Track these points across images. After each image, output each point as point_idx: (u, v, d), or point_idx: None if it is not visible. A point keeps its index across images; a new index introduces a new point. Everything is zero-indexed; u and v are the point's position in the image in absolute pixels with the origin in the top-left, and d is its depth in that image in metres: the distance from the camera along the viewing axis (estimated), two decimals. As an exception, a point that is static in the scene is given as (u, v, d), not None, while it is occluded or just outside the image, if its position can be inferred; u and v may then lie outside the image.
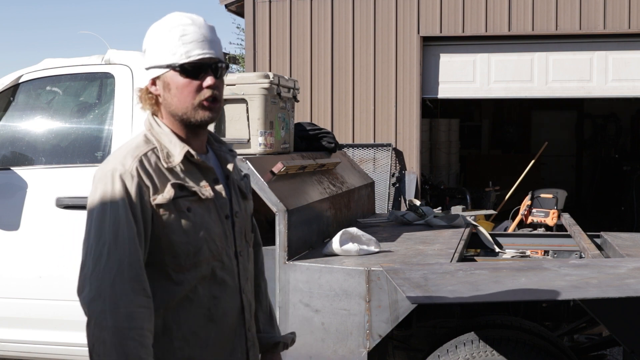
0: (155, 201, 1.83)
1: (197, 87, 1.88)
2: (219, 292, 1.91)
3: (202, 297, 1.89)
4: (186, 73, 1.87)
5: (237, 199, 2.02)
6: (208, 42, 1.89)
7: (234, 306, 1.95)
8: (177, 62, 1.86)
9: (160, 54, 1.88)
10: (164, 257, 1.85)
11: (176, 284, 1.86)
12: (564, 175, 14.51)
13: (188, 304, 1.87)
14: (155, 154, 1.89)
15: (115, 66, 4.08)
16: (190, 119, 1.90)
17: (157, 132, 1.92)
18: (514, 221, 8.07)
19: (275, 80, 4.10)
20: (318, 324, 3.40)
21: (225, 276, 1.93)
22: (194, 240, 1.87)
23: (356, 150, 9.01)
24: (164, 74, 1.89)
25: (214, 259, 1.91)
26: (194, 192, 1.89)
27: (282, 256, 3.50)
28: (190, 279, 1.87)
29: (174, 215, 1.85)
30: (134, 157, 1.85)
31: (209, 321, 1.90)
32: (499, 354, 3.23)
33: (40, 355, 4.06)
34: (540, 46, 8.84)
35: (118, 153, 1.89)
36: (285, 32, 9.26)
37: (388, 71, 9.01)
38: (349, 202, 4.75)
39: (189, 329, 1.87)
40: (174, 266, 1.86)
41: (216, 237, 1.92)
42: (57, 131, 4.21)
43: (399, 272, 3.10)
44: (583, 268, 3.18)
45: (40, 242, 3.98)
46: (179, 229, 1.85)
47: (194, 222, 1.87)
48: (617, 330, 2.99)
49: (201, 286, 1.89)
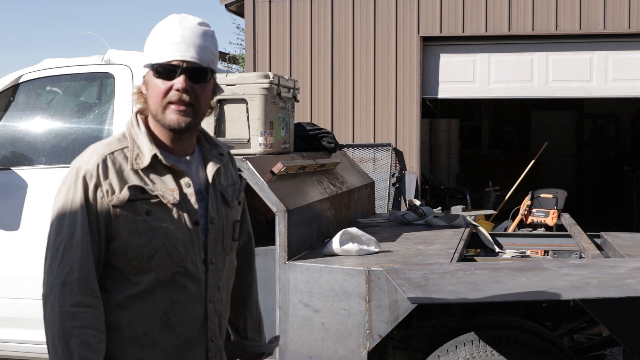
0: (111, 202, 1.83)
1: (167, 89, 1.86)
2: (178, 297, 1.89)
3: (159, 300, 1.87)
4: (158, 73, 1.86)
5: (216, 204, 1.98)
6: (187, 45, 1.85)
7: (195, 314, 1.92)
8: (153, 62, 1.87)
9: (147, 53, 1.90)
10: (121, 258, 1.85)
11: (132, 284, 1.85)
12: (564, 175, 14.51)
13: (142, 305, 1.86)
14: (123, 154, 1.89)
15: (115, 66, 4.09)
16: (160, 121, 1.89)
17: (135, 131, 1.93)
18: (514, 221, 8.07)
19: (275, 80, 4.10)
20: (318, 324, 3.39)
21: (187, 283, 1.90)
22: (150, 244, 1.85)
23: (356, 150, 9.01)
24: (146, 74, 1.90)
25: (175, 265, 1.88)
26: (155, 195, 1.87)
27: (282, 256, 3.50)
28: (146, 281, 1.85)
29: (130, 217, 1.84)
30: (99, 156, 1.87)
31: (164, 325, 1.87)
32: (499, 354, 3.23)
33: (40, 355, 4.06)
34: (540, 46, 8.84)
35: (89, 149, 1.93)
36: (285, 32, 9.26)
37: (388, 71, 9.01)
38: (349, 202, 4.75)
39: (141, 329, 1.86)
40: (129, 268, 1.85)
41: (179, 242, 1.88)
42: (57, 131, 4.21)
43: (399, 272, 3.10)
44: (583, 268, 3.18)
45: (40, 242, 3.98)
46: (135, 231, 1.84)
47: (152, 225, 1.85)
48: (617, 330, 2.99)
49: (160, 289, 1.87)
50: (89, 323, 1.77)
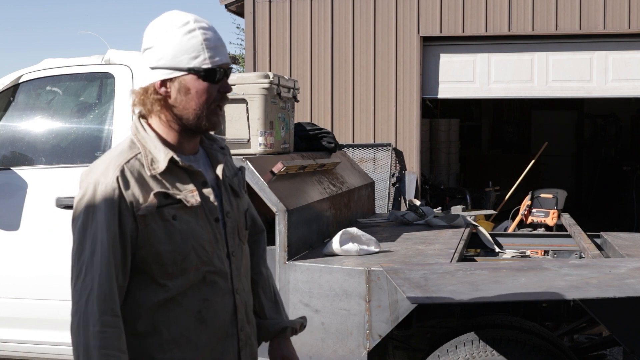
0: (138, 212, 1.81)
1: (215, 92, 1.90)
2: (209, 294, 1.91)
3: (192, 300, 1.88)
4: (208, 78, 1.87)
5: (228, 198, 2.00)
6: (223, 47, 1.91)
7: (225, 307, 1.94)
8: (201, 67, 1.86)
9: (176, 56, 1.86)
10: (152, 265, 1.84)
11: (165, 289, 1.85)
12: (564, 175, 14.50)
13: (176, 307, 1.86)
14: (138, 161, 1.86)
15: (115, 66, 4.08)
16: (202, 122, 1.90)
17: (143, 136, 1.90)
18: (514, 221, 8.06)
19: (275, 80, 4.10)
20: (318, 324, 3.39)
21: (216, 279, 1.92)
22: (180, 248, 1.85)
23: (356, 150, 9.01)
24: (181, 77, 1.87)
25: (204, 264, 1.89)
26: (179, 199, 1.87)
27: (282, 256, 3.50)
28: (179, 284, 1.86)
29: (158, 224, 1.83)
30: (116, 167, 1.83)
31: (199, 323, 1.89)
32: (499, 354, 3.23)
33: (40, 355, 4.06)
34: (540, 46, 8.84)
35: (102, 161, 1.88)
36: (285, 32, 9.26)
37: (388, 71, 9.01)
38: (349, 202, 4.75)
39: (178, 331, 1.86)
40: (161, 274, 1.85)
41: (205, 242, 1.90)
42: (57, 131, 4.21)
43: (399, 272, 3.10)
44: (583, 268, 3.18)
45: (40, 242, 3.98)
46: (164, 238, 1.84)
47: (180, 230, 1.86)
48: (617, 330, 2.99)
49: (191, 290, 1.88)
50: (109, 343, 1.76)
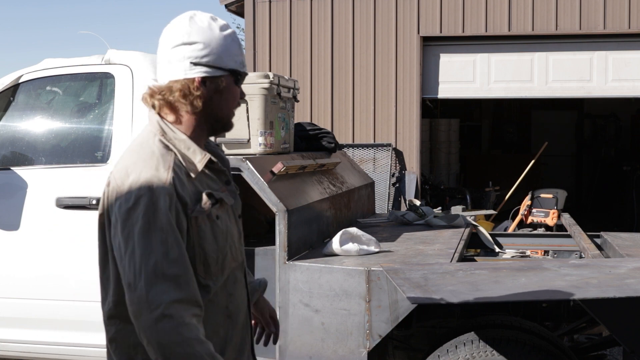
0: (192, 213, 1.79)
1: (238, 96, 1.94)
2: (233, 289, 1.95)
3: (221, 297, 1.90)
4: (239, 82, 1.92)
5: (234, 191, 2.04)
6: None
7: (243, 299, 1.99)
8: (239, 70, 1.90)
9: (222, 56, 1.86)
10: (196, 267, 1.81)
11: (205, 289, 1.84)
12: (564, 175, 14.49)
13: (211, 306, 1.87)
14: (179, 162, 1.83)
15: (115, 66, 4.08)
16: (227, 124, 1.94)
17: (171, 137, 1.86)
18: (514, 221, 8.06)
19: (275, 80, 4.10)
20: (318, 324, 3.39)
21: (238, 274, 1.97)
22: (222, 247, 1.87)
23: (356, 150, 9.01)
24: (222, 77, 1.87)
25: (234, 260, 1.94)
26: (220, 199, 1.88)
27: (282, 256, 3.50)
28: (217, 283, 1.88)
29: (207, 225, 1.83)
30: (167, 168, 1.78)
31: (226, 318, 1.92)
32: (499, 354, 3.23)
33: (40, 355, 4.06)
34: (540, 46, 8.84)
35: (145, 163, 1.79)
36: (285, 32, 9.26)
37: (388, 71, 9.01)
38: (349, 202, 4.75)
39: (211, 328, 1.87)
40: (205, 275, 1.84)
41: (235, 240, 1.95)
42: (57, 131, 4.21)
43: (399, 272, 3.10)
44: (583, 268, 3.18)
45: (40, 242, 3.98)
46: (210, 237, 1.84)
47: (222, 229, 1.88)
48: (617, 330, 2.99)
49: (221, 287, 1.90)
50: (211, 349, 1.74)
